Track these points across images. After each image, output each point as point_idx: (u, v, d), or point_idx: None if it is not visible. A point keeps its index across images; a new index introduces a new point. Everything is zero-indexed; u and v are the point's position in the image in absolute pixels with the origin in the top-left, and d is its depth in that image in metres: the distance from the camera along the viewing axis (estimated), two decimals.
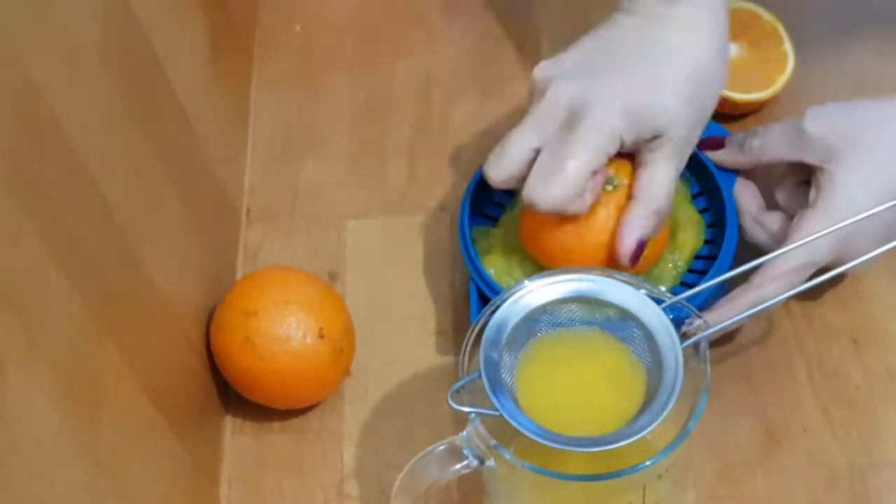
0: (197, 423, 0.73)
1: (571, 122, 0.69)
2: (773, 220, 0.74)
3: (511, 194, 0.78)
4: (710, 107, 0.72)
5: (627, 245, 0.70)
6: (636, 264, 0.70)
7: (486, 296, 0.73)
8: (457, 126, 0.88)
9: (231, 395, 0.76)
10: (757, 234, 0.74)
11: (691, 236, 0.75)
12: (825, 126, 0.71)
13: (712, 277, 0.70)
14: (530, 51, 0.91)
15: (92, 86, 0.61)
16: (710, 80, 0.71)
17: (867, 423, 0.73)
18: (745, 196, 0.75)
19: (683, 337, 0.60)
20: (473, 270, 0.74)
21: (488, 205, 0.79)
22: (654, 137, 0.70)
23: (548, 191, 0.68)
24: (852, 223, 0.67)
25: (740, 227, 0.75)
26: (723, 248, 0.73)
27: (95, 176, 0.59)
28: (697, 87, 0.70)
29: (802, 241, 0.68)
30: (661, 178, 0.71)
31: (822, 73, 0.86)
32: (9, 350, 0.48)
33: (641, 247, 0.70)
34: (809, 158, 0.71)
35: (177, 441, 0.67)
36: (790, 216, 0.72)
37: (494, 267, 0.75)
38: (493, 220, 0.78)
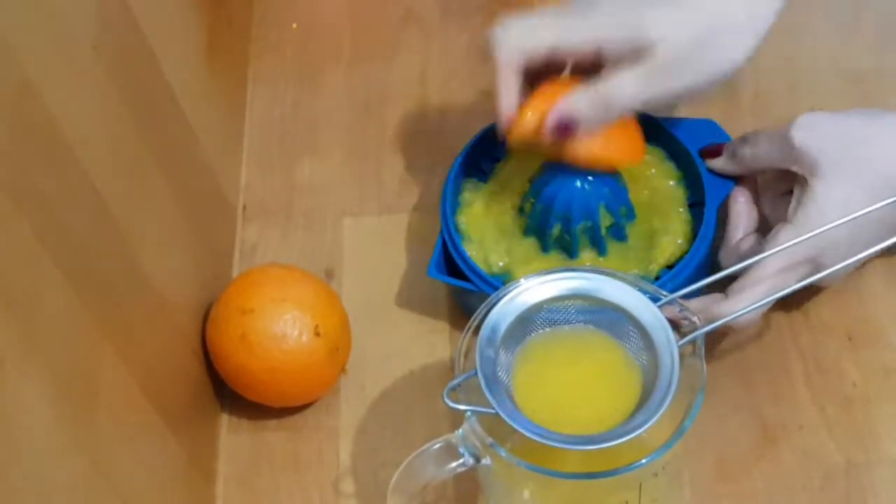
0: (193, 421, 0.73)
1: None
2: (746, 241, 0.73)
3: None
4: (718, 63, 0.68)
5: (553, 117, 0.68)
6: (557, 139, 0.69)
7: (447, 248, 0.74)
8: (453, 123, 0.88)
9: (227, 392, 0.76)
10: (732, 262, 0.72)
11: (670, 246, 0.74)
12: (812, 140, 0.70)
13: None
14: None
15: (88, 83, 0.61)
16: (730, 30, 0.67)
17: (863, 421, 0.73)
18: (742, 219, 0.74)
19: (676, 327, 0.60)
20: (444, 221, 0.75)
21: (487, 161, 0.79)
22: (636, 51, 0.67)
23: None
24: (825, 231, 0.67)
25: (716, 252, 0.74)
26: (683, 261, 0.72)
27: (91, 173, 0.59)
28: (710, 19, 0.67)
29: (771, 251, 0.68)
30: (623, 85, 0.68)
31: (813, 69, 0.86)
32: (4, 347, 0.48)
33: (568, 128, 0.68)
34: (797, 169, 0.71)
35: (173, 438, 0.67)
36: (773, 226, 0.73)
37: (470, 220, 0.76)
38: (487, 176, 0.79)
